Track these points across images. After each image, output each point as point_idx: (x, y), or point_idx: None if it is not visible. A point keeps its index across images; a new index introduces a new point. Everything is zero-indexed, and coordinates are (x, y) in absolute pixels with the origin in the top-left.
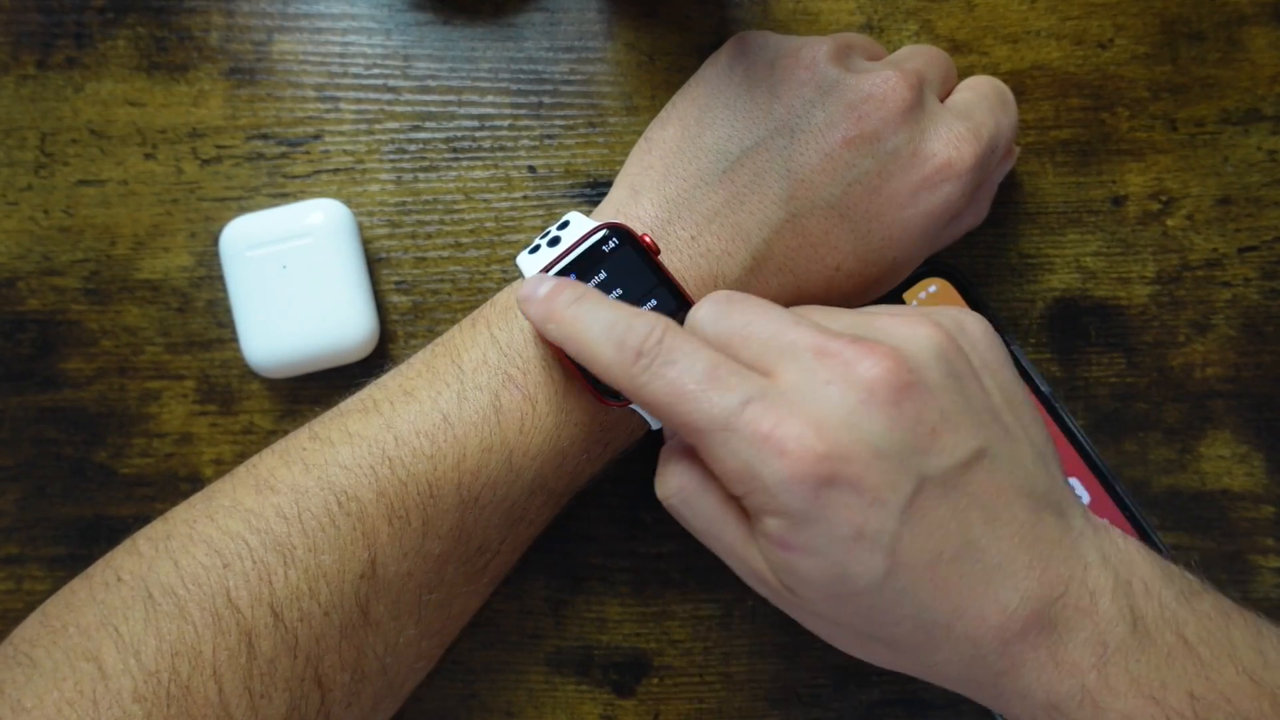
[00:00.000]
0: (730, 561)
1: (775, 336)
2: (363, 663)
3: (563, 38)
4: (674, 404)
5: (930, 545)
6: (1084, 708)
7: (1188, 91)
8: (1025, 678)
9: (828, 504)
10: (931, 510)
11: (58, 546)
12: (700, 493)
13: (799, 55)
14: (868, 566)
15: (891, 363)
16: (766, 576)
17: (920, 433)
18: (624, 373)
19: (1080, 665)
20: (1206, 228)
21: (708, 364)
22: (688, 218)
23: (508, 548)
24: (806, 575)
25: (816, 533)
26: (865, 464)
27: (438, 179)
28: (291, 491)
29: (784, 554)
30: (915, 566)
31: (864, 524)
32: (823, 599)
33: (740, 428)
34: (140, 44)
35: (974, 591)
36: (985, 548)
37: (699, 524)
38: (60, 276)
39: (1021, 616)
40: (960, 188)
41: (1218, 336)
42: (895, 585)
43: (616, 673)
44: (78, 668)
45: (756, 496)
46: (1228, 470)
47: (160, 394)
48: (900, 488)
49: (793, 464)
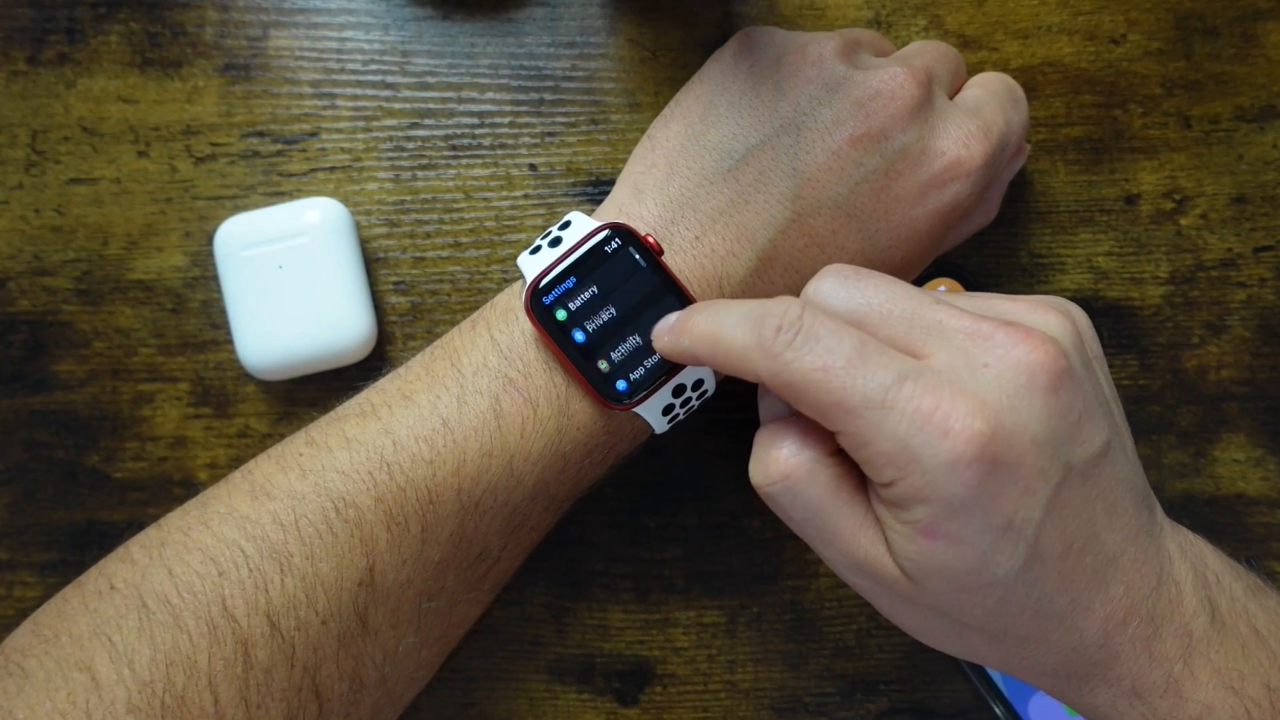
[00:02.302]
0: (827, 552)
1: (918, 315)
2: (361, 672)
3: (564, 33)
4: (823, 381)
5: (1064, 537)
6: (1167, 696)
7: (1202, 88)
8: (1118, 669)
9: (987, 491)
10: (1070, 501)
11: (49, 552)
12: (810, 479)
13: (805, 51)
14: (1010, 557)
15: (1051, 348)
16: (879, 565)
17: (1070, 421)
18: (765, 353)
19: (1169, 656)
20: (1221, 227)
21: (855, 340)
22: (691, 218)
23: (509, 554)
24: (942, 565)
25: (969, 521)
26: (1024, 450)
27: (437, 177)
28: (288, 498)
29: (927, 542)
30: (1049, 559)
31: (1014, 513)
32: (950, 590)
33: (899, 405)
34: (133, 39)
35: (1090, 584)
36: (1105, 540)
37: (801, 513)
38: (52, 277)
39: (1124, 608)
40: (970, 186)
41: (1232, 338)
42: (1029, 577)
43: (619, 681)
44: (70, 678)
45: (911, 481)
46: (1243, 474)
47: (154, 397)
48: (1050, 477)
49: (957, 446)
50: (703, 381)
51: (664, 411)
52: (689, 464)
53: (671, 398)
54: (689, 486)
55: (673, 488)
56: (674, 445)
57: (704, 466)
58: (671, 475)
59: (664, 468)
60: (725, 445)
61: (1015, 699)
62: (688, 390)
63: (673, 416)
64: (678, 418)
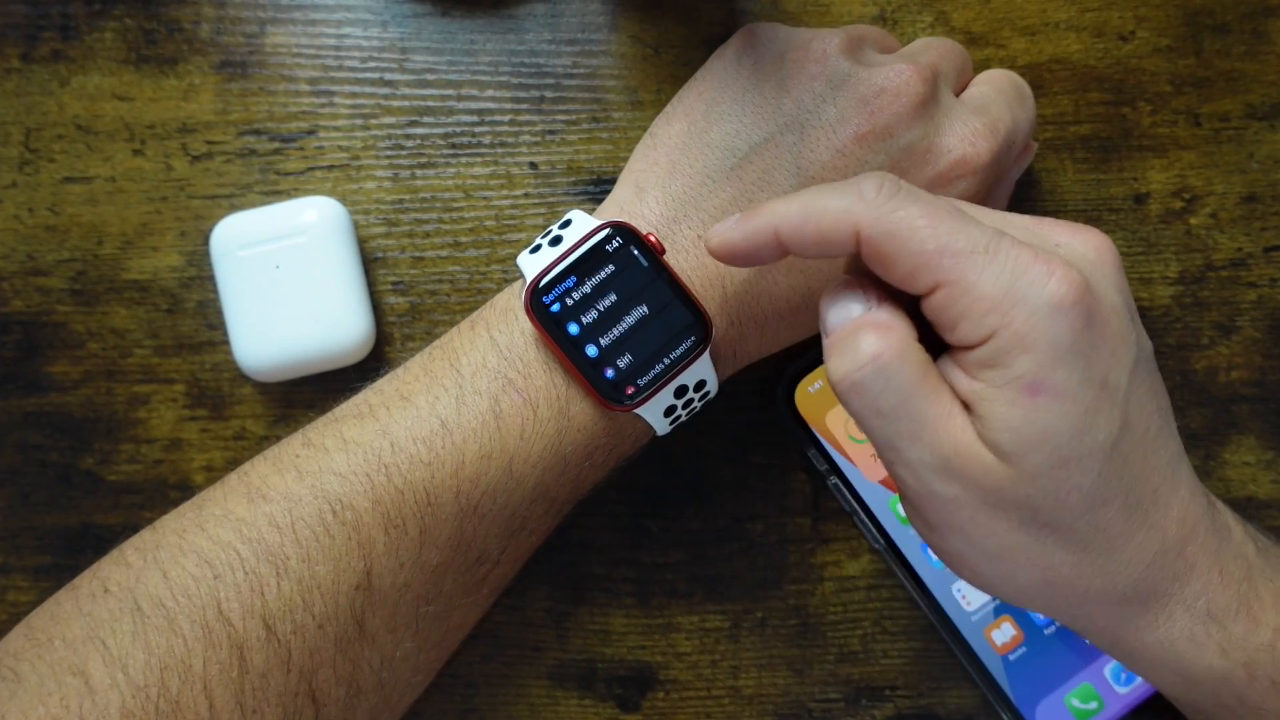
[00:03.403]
0: (913, 450)
1: (982, 213)
2: (358, 677)
3: (565, 30)
4: (929, 227)
5: (1144, 416)
6: (1240, 619)
7: (1212, 85)
8: (1194, 584)
9: (1089, 340)
10: (1144, 382)
11: (43, 556)
12: (902, 359)
13: (809, 48)
14: (1109, 420)
15: (1106, 238)
16: (970, 454)
17: (1131, 306)
18: (868, 204)
19: (1235, 575)
20: (1231, 226)
21: (952, 202)
22: (694, 216)
23: (508, 558)
24: (1046, 427)
25: (1074, 370)
26: (1109, 312)
27: (436, 176)
28: (284, 500)
29: (1030, 399)
30: (1137, 432)
31: (1109, 373)
32: (1049, 466)
33: (1004, 251)
34: (128, 36)
35: (1165, 477)
36: (1169, 437)
37: (892, 399)
38: (45, 277)
39: (1193, 515)
40: (976, 185)
41: (1243, 339)
42: (1122, 449)
43: (621, 687)
44: (64, 682)
45: (1017, 325)
46: (1253, 477)
47: (149, 398)
48: (1130, 346)
49: (1060, 288)
50: (705, 382)
51: (666, 413)
52: (691, 466)
53: (673, 399)
54: (691, 489)
55: (675, 490)
56: (676, 447)
57: (707, 469)
58: (674, 478)
59: (666, 470)
60: (728, 447)
61: (1023, 705)
62: (689, 391)
63: (675, 418)
64: (680, 419)
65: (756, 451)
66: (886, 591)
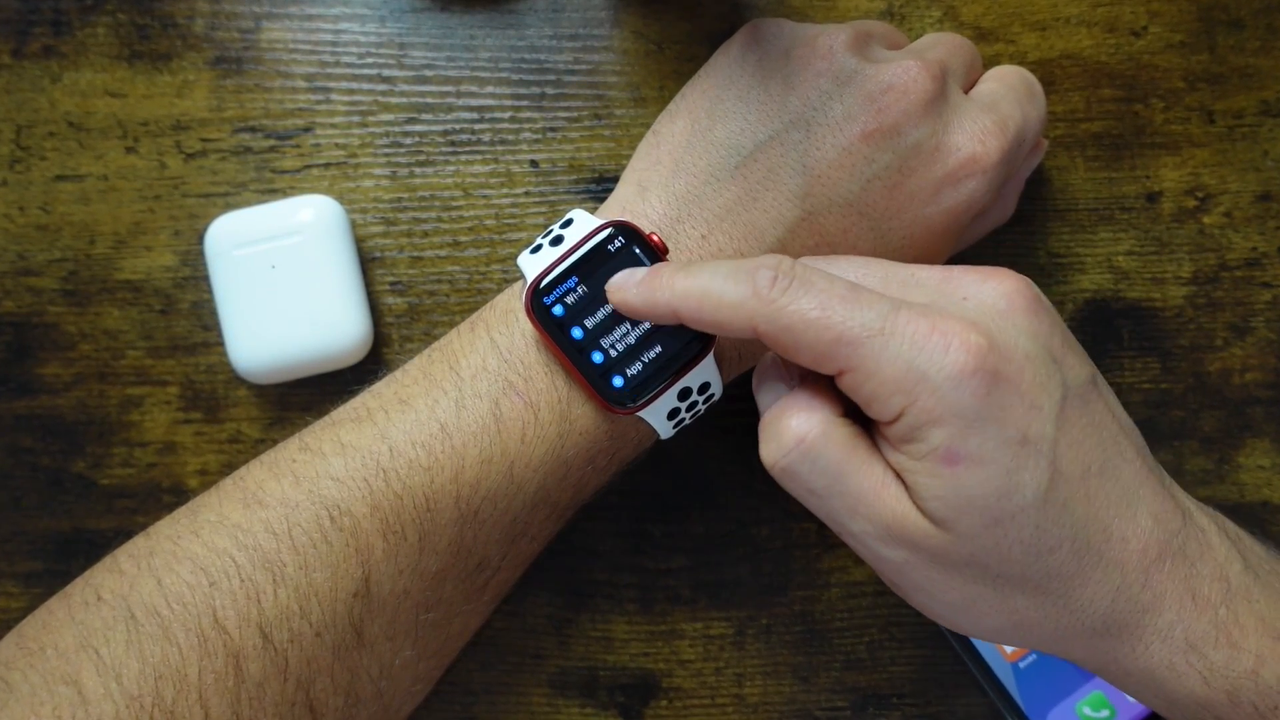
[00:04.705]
0: (853, 523)
1: (891, 273)
2: (356, 686)
3: (566, 25)
4: (822, 319)
5: (1080, 457)
6: (1220, 647)
7: (1226, 82)
8: (1166, 614)
9: (997, 402)
10: (1076, 421)
11: (34, 562)
12: (825, 440)
13: (815, 44)
14: (1034, 474)
15: (1019, 280)
16: (907, 522)
17: (1054, 344)
18: (762, 300)
19: (1212, 600)
20: (1245, 225)
21: (846, 283)
22: (698, 216)
23: (509, 564)
24: (971, 493)
25: (987, 436)
26: (1021, 365)
27: (435, 174)
28: (281, 506)
29: (950, 469)
30: (1071, 478)
31: (1028, 427)
32: (983, 526)
33: (898, 330)
34: (121, 32)
35: (1118, 511)
36: (1119, 468)
37: (821, 479)
38: (37, 277)
39: (1157, 541)
40: (985, 183)
41: (1257, 340)
42: (1057, 498)
43: (623, 695)
44: (56, 692)
45: (922, 402)
46: (1268, 481)
47: (142, 401)
48: (1052, 393)
49: (960, 358)
50: (709, 385)
51: (669, 416)
52: (695, 471)
53: (677, 402)
54: (695, 494)
55: (678, 495)
56: (680, 451)
57: (711, 473)
58: (677, 482)
59: (669, 474)
60: (732, 451)
61: (1033, 713)
62: (694, 394)
63: (678, 421)
64: (683, 423)
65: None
66: (894, 597)
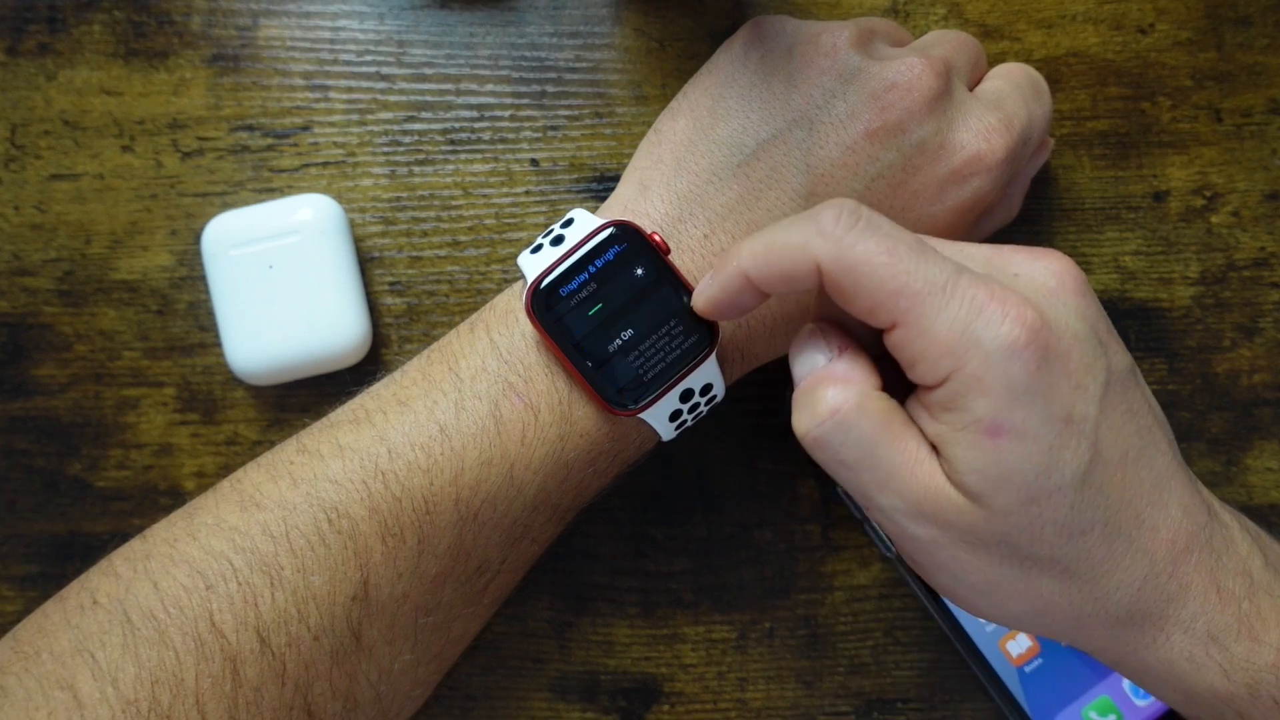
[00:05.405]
0: (883, 497)
1: (941, 245)
2: (355, 690)
3: (567, 22)
4: (888, 265)
5: (1119, 441)
6: (1241, 640)
7: (1234, 80)
8: (1190, 605)
9: (1046, 379)
10: (1117, 405)
11: (29, 565)
12: (860, 411)
13: (819, 41)
14: (1076, 454)
15: (1068, 261)
16: (940, 497)
17: (1100, 328)
18: (827, 237)
19: (1235, 593)
20: (1254, 225)
21: (915, 236)
22: (700, 215)
23: (509, 567)
24: (1010, 468)
25: (1034, 410)
26: (1070, 344)
27: (434, 173)
28: (278, 508)
29: (992, 441)
30: (1109, 461)
31: (1073, 407)
32: (1019, 504)
33: (959, 292)
34: (117, 29)
35: (1150, 499)
36: (1153, 457)
37: (854, 451)
38: (32, 277)
39: (1186, 532)
40: (990, 182)
41: (1265, 341)
42: (1094, 479)
43: (625, 699)
44: (51, 696)
45: (971, 368)
46: (1276, 483)
47: (138, 402)
48: (1097, 375)
49: (1015, 330)
50: (711, 386)
51: (671, 418)
52: (697, 473)
53: (679, 403)
54: (697, 496)
55: (680, 498)
56: (682, 453)
57: (713, 476)
58: (679, 485)
59: (671, 477)
60: (735, 453)
61: (1039, 718)
62: (696, 395)
63: (680, 423)
64: (685, 425)
65: (764, 457)
66: (899, 601)
